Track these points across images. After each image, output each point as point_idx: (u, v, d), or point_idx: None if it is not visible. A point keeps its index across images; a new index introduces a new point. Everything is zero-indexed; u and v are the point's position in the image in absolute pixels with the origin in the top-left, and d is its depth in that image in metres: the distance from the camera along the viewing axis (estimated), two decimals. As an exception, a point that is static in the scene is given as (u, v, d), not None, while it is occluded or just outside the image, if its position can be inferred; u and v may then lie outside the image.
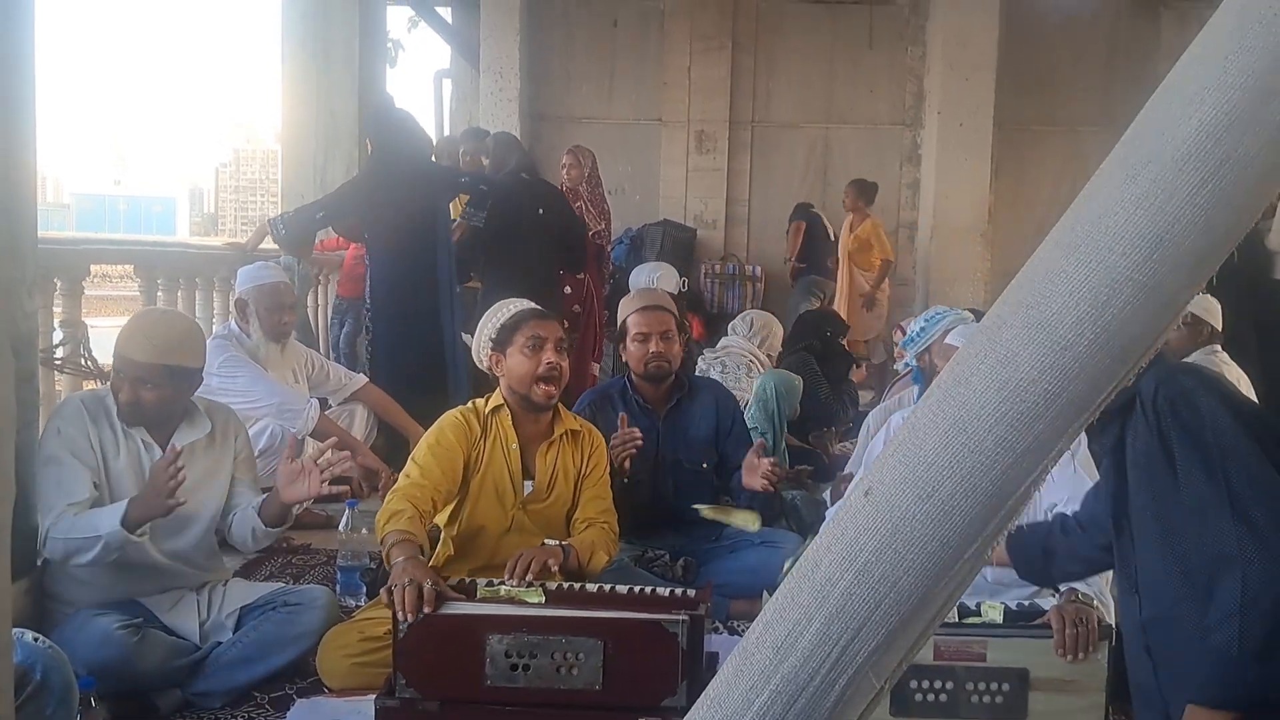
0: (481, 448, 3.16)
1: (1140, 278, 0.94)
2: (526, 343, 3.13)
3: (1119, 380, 0.97)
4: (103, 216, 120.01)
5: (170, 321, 3.12)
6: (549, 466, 3.21)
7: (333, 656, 2.87)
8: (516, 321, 3.18)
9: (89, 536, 2.69)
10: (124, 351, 2.88)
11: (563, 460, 3.24)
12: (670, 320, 3.85)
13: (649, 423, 3.80)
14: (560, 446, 3.24)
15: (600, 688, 2.40)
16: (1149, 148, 0.95)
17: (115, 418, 2.90)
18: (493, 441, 3.17)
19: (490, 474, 3.15)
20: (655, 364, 3.76)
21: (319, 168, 7.59)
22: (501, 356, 3.19)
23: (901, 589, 1.00)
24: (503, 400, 3.20)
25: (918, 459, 1.00)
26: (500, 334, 3.19)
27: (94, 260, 4.88)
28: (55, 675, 2.02)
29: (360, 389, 4.90)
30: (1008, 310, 1.00)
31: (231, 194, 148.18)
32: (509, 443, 3.17)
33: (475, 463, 3.15)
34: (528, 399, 3.15)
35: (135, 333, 2.93)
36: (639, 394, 3.84)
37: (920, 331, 4.03)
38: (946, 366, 1.04)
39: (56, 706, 2.01)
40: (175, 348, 2.91)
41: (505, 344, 3.18)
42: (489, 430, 3.18)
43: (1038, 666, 2.46)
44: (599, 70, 10.19)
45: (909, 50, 10.06)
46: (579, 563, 3.01)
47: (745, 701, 1.03)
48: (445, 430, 3.14)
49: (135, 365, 2.86)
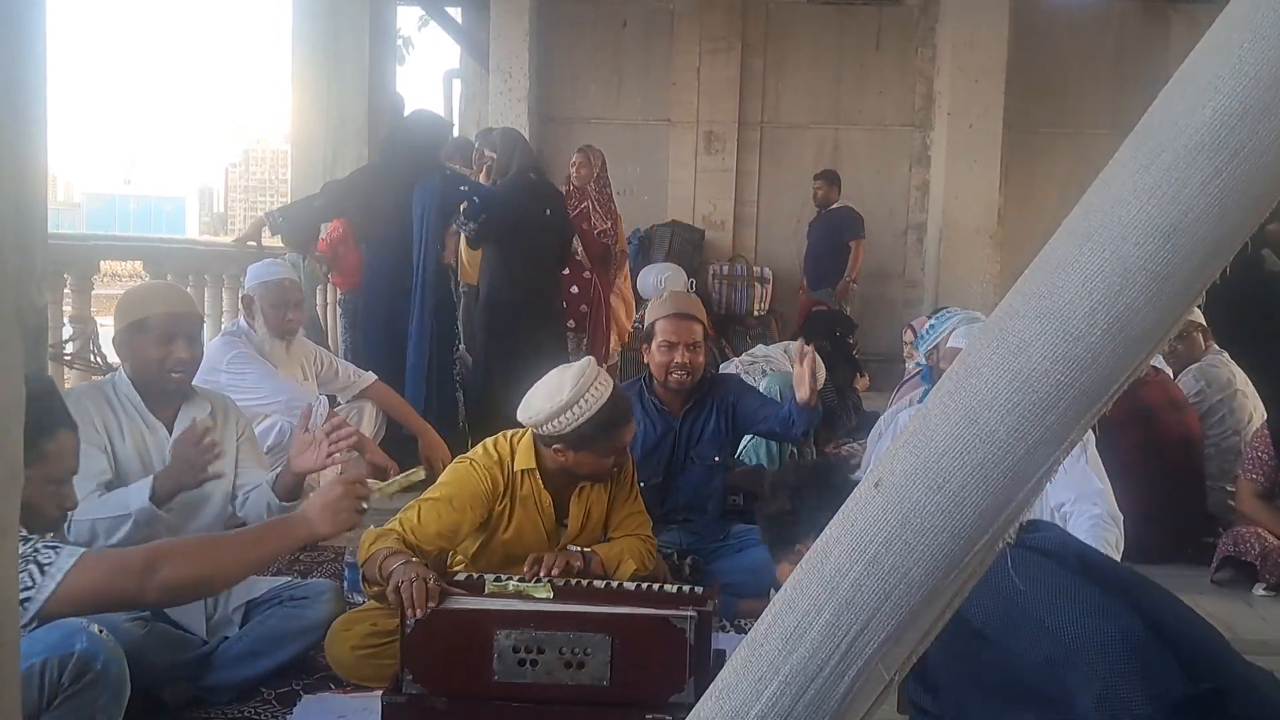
0: (507, 504, 2.99)
1: (1154, 267, 0.93)
2: (612, 450, 2.94)
3: (1131, 371, 0.97)
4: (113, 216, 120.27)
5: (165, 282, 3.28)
6: (582, 508, 3.08)
7: (341, 646, 2.87)
8: (611, 422, 2.91)
9: (118, 515, 2.71)
10: (144, 313, 2.90)
11: (595, 497, 3.11)
12: (699, 331, 3.80)
13: (666, 425, 3.80)
14: (590, 487, 3.09)
15: (608, 683, 2.40)
16: (1162, 137, 0.95)
17: (116, 404, 2.91)
18: (523, 499, 3.01)
19: (522, 528, 3.01)
20: (678, 375, 3.74)
21: (328, 167, 7.61)
22: (572, 451, 2.93)
23: (912, 580, 1.00)
24: (533, 461, 2.99)
25: (929, 450, 1.00)
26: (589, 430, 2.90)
27: (103, 256, 4.90)
28: (114, 668, 2.06)
29: (369, 387, 4.90)
30: (1020, 300, 0.99)
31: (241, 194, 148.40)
32: (542, 500, 3.01)
33: (499, 519, 3.00)
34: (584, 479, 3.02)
35: (146, 297, 3.02)
36: (656, 397, 3.83)
37: (930, 329, 4.04)
38: (958, 358, 1.04)
39: (109, 700, 2.05)
40: (188, 298, 3.12)
41: (587, 444, 2.92)
42: (518, 486, 3.00)
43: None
44: (608, 71, 10.19)
45: (918, 52, 10.04)
46: (604, 570, 2.95)
47: (754, 692, 1.03)
48: (462, 489, 2.92)
49: (168, 320, 2.89)
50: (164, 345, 2.88)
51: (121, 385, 2.95)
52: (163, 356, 2.88)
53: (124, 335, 2.92)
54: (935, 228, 9.57)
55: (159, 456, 2.92)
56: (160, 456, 2.92)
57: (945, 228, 9.29)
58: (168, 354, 2.88)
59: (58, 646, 1.99)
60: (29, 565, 1.88)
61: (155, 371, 2.90)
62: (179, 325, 2.91)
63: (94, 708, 2.01)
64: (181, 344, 2.90)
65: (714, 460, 3.84)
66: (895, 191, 10.18)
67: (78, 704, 1.98)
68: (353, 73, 7.61)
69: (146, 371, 2.91)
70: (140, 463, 2.90)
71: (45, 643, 1.98)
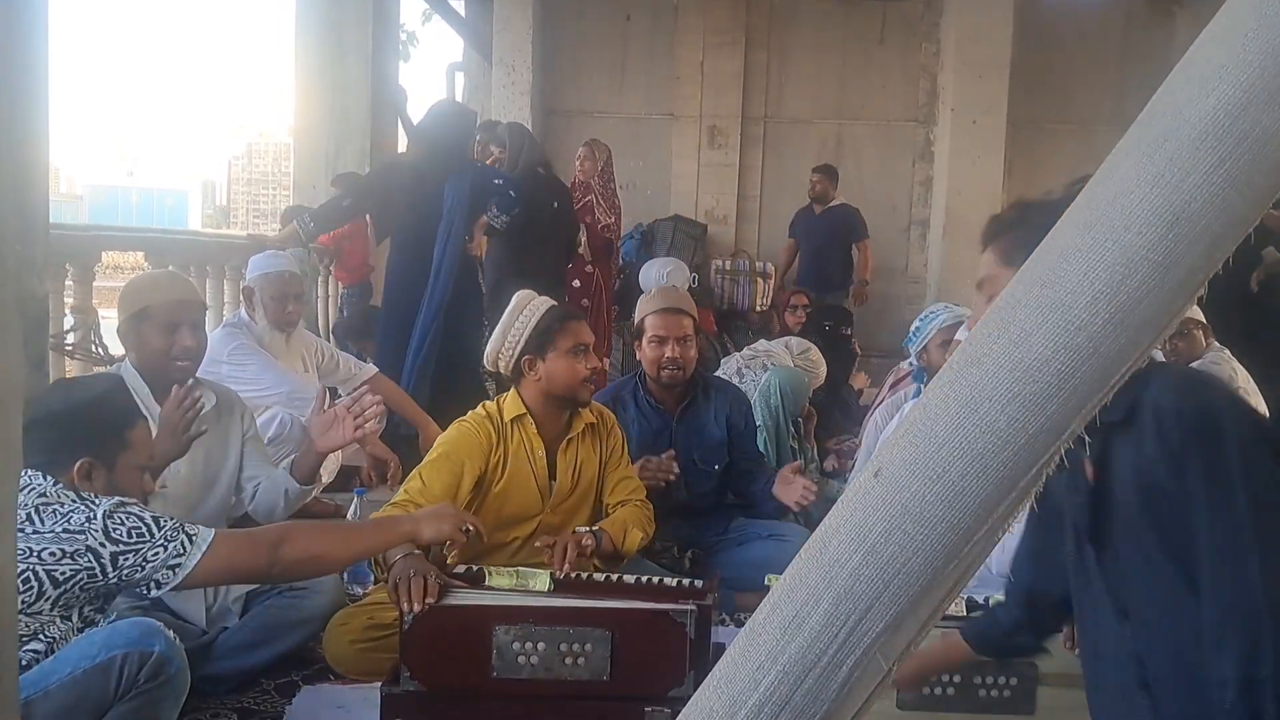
0: (500, 455, 3.05)
1: (1156, 257, 0.93)
2: (572, 349, 3.02)
3: (1133, 361, 0.96)
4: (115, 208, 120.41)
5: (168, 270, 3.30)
6: (570, 464, 3.15)
7: (339, 641, 2.88)
8: (552, 324, 3.05)
9: None
10: (148, 301, 2.91)
11: (584, 454, 3.18)
12: (689, 324, 3.77)
13: (662, 423, 3.78)
14: (580, 441, 3.18)
15: (608, 678, 2.39)
16: (1166, 125, 0.94)
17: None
18: (515, 450, 3.06)
19: (514, 483, 3.06)
20: (669, 370, 3.72)
21: (331, 160, 7.60)
22: (538, 360, 3.06)
23: (910, 570, 0.99)
24: (524, 408, 3.09)
25: (928, 440, 0.99)
26: (537, 337, 3.06)
27: (105, 247, 4.89)
28: (181, 675, 2.09)
29: (370, 379, 4.90)
30: (1021, 289, 0.99)
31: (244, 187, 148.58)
32: (534, 449, 3.08)
33: (494, 472, 3.04)
34: (568, 399, 3.07)
35: (149, 285, 3.03)
36: (650, 394, 3.81)
37: (916, 330, 4.00)
38: (959, 347, 1.03)
39: (171, 704, 2.08)
40: (191, 286, 3.17)
41: (544, 348, 3.04)
42: (509, 438, 3.06)
43: (1046, 661, 2.45)
44: (611, 64, 10.18)
45: (922, 47, 10.02)
46: (613, 545, 3.00)
47: (752, 681, 1.02)
48: (455, 443, 3.02)
49: (172, 307, 2.90)
50: (168, 333, 2.87)
51: (128, 376, 2.94)
52: (168, 345, 2.87)
53: (128, 324, 2.92)
54: (938, 224, 9.56)
55: None
56: None
57: (948, 224, 9.27)
58: (173, 342, 2.87)
59: (139, 643, 2.01)
60: (180, 535, 2.08)
61: (160, 360, 2.89)
62: (183, 313, 2.91)
63: (158, 707, 2.04)
64: (186, 331, 2.89)
65: (714, 469, 3.83)
66: (898, 187, 10.16)
67: (145, 701, 2.01)
68: (356, 66, 7.59)
69: (152, 361, 2.90)
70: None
71: (128, 637, 2.00)
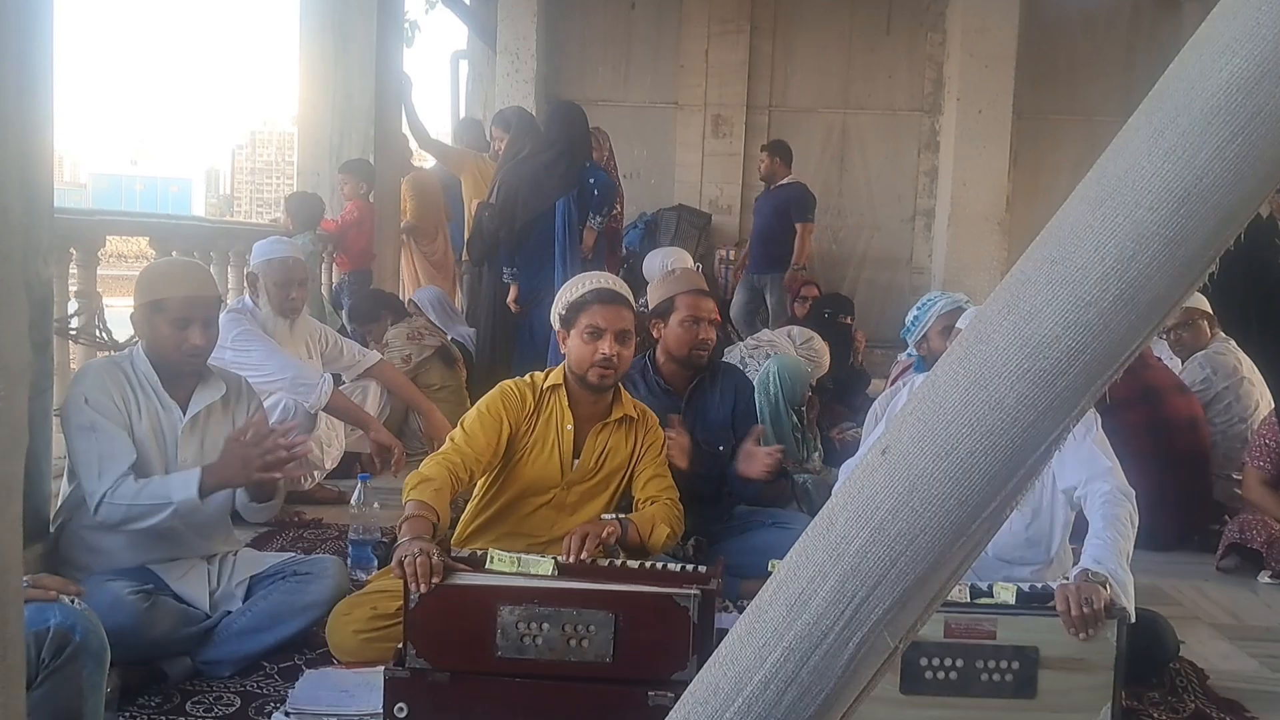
0: (533, 422, 3.12)
1: (1167, 233, 0.92)
2: (586, 329, 3.07)
3: (1144, 338, 0.96)
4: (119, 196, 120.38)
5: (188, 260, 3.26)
6: (599, 448, 3.17)
7: (342, 631, 2.87)
8: (581, 304, 3.12)
9: (157, 503, 2.72)
10: (164, 294, 2.89)
11: (614, 443, 3.19)
12: (715, 306, 3.89)
13: (670, 403, 3.78)
14: (614, 430, 3.20)
15: (611, 660, 2.39)
16: (1177, 101, 0.93)
17: (134, 381, 2.90)
18: (546, 418, 3.13)
19: (540, 450, 3.11)
20: (700, 350, 3.76)
21: (335, 148, 7.60)
22: (566, 334, 3.15)
23: (918, 547, 0.99)
24: (562, 379, 3.16)
25: (937, 416, 0.99)
26: (568, 312, 3.14)
27: (110, 231, 4.89)
28: (93, 638, 2.05)
29: (374, 366, 4.90)
30: (1031, 266, 0.98)
31: (247, 175, 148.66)
32: (564, 422, 3.12)
33: (524, 436, 3.11)
34: (584, 380, 3.11)
35: (166, 276, 3.00)
36: (660, 375, 3.82)
37: (915, 320, 3.98)
38: (968, 325, 1.03)
39: (94, 668, 2.04)
40: (208, 279, 3.10)
41: (570, 324, 3.13)
42: (544, 406, 3.13)
43: (1047, 645, 2.45)
44: (615, 53, 10.16)
45: (928, 37, 9.99)
46: (640, 537, 3.00)
47: (758, 658, 1.02)
48: (497, 399, 3.10)
49: (185, 303, 2.88)
50: (180, 329, 2.86)
51: (139, 362, 2.93)
52: (179, 341, 2.87)
53: (142, 312, 2.91)
54: (944, 214, 9.54)
55: (172, 437, 2.91)
56: (174, 437, 2.91)
57: (954, 214, 9.25)
58: (183, 339, 2.87)
59: (31, 622, 1.95)
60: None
61: (171, 353, 2.89)
62: (196, 309, 2.88)
63: (79, 679, 2.00)
64: (197, 329, 2.88)
65: (719, 450, 3.83)
66: (903, 177, 10.14)
67: (62, 678, 1.97)
68: (360, 54, 7.58)
69: (163, 352, 2.90)
70: (155, 442, 2.89)
71: None
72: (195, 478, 2.73)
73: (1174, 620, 3.14)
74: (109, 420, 2.79)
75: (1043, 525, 2.96)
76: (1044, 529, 2.97)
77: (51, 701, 1.96)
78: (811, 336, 5.72)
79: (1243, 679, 3.13)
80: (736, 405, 3.87)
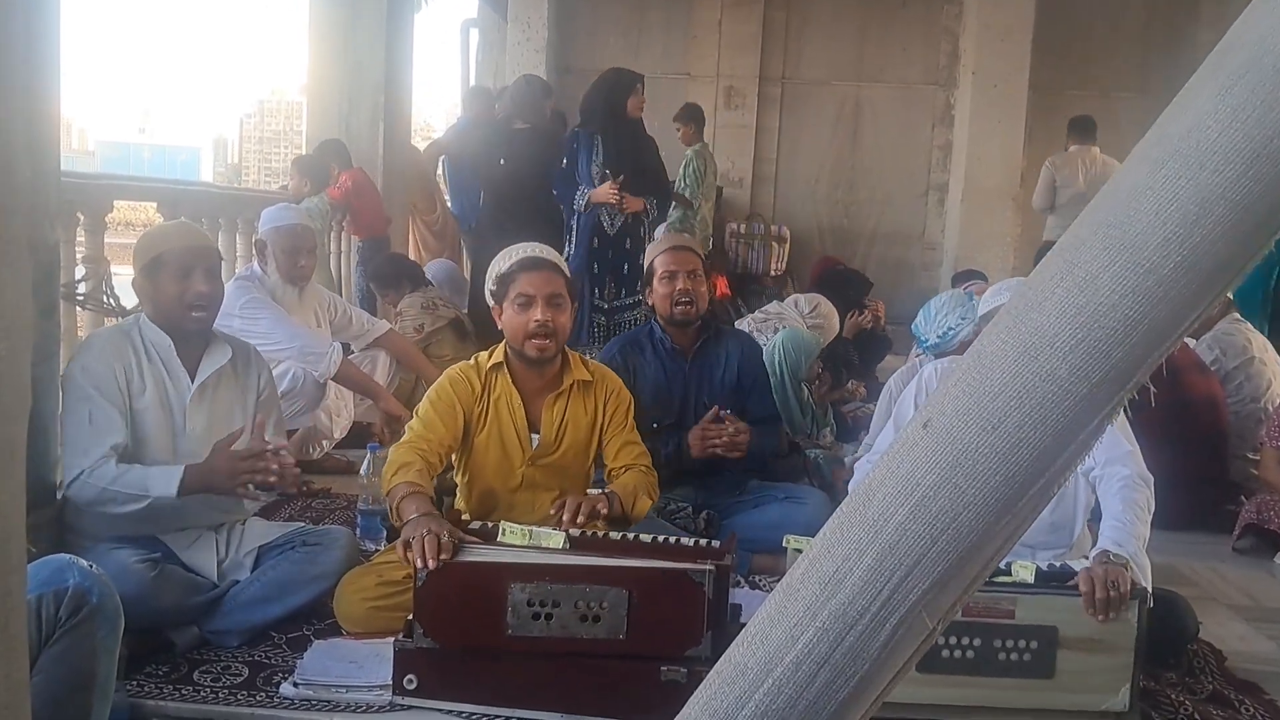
0: (484, 404, 3.07)
1: (1233, 196, 0.86)
2: (517, 298, 3.01)
3: (1204, 306, 0.91)
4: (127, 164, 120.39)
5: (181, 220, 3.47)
6: (556, 419, 3.11)
7: (350, 600, 2.84)
8: (509, 275, 3.05)
9: (135, 493, 2.68)
10: (161, 249, 2.88)
11: (572, 411, 3.13)
12: (697, 261, 3.81)
13: (676, 366, 3.77)
14: (570, 397, 3.13)
15: (624, 637, 2.36)
16: (1247, 55, 0.88)
17: (142, 348, 2.86)
18: (496, 399, 3.07)
19: (495, 431, 3.07)
20: (682, 305, 3.71)
21: (344, 117, 7.56)
22: (500, 310, 3.08)
23: (960, 525, 0.94)
24: (504, 356, 3.10)
25: (983, 388, 0.94)
26: (498, 286, 3.07)
27: (117, 196, 4.85)
28: (108, 601, 2.04)
29: (382, 335, 4.86)
30: (1087, 231, 0.93)
31: (255, 144, 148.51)
32: (512, 399, 3.07)
33: (478, 420, 3.06)
34: (522, 354, 3.05)
35: (162, 234, 3.00)
36: (668, 336, 3.79)
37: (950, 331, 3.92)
38: (1017, 292, 0.98)
39: (108, 631, 2.04)
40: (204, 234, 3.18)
41: (501, 297, 3.06)
42: (492, 387, 3.08)
43: (1067, 625, 2.42)
44: (627, 22, 10.05)
45: (944, 9, 9.88)
46: (623, 509, 2.97)
47: (790, 638, 0.97)
48: (446, 385, 3.06)
49: (185, 253, 2.87)
50: (182, 279, 2.83)
51: (147, 330, 2.88)
52: (181, 290, 2.83)
53: (143, 275, 2.87)
54: (957, 189, 9.45)
55: (179, 407, 2.87)
56: (181, 408, 2.87)
57: (967, 189, 9.17)
58: (186, 287, 2.83)
59: (50, 581, 1.96)
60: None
61: (176, 308, 2.85)
62: (196, 258, 2.86)
63: (93, 640, 1.99)
64: (200, 276, 2.85)
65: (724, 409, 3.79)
66: (917, 151, 10.05)
67: (76, 637, 1.96)
68: (370, 23, 7.52)
69: (168, 310, 2.85)
70: (161, 411, 2.84)
71: (37, 579, 1.95)
72: (177, 476, 2.68)
73: (1190, 601, 3.10)
74: (103, 396, 2.74)
75: (1067, 510, 2.92)
76: (1068, 514, 2.92)
77: (66, 660, 1.96)
78: (818, 301, 5.69)
79: (1261, 660, 3.09)
80: (743, 367, 3.84)
